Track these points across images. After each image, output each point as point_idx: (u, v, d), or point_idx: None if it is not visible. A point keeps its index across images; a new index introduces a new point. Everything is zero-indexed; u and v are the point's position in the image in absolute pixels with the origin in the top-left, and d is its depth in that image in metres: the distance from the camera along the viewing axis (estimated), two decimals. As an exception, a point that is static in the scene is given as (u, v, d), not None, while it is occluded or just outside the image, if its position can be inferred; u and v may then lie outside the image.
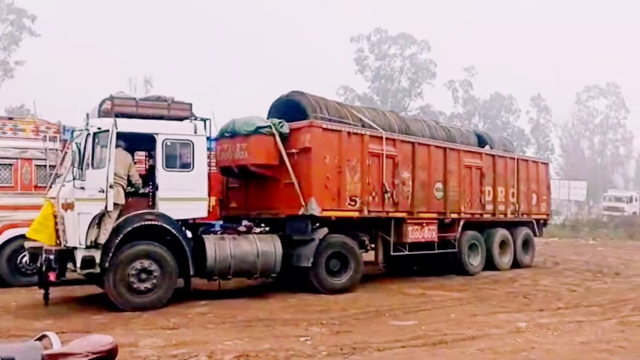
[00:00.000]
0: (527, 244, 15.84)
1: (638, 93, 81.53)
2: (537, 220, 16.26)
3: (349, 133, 11.12)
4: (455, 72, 63.50)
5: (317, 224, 10.65)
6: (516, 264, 15.25)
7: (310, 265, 10.41)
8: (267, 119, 11.18)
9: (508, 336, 7.15)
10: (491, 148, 15.27)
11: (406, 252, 12.27)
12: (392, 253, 12.11)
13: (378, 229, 12.05)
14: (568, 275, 14.04)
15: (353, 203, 11.14)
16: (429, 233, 12.67)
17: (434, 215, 12.90)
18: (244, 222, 11.00)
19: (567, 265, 16.62)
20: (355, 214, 11.22)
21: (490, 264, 14.38)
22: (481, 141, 15.42)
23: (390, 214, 11.86)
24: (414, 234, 12.31)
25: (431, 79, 60.79)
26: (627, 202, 44.71)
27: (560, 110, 68.97)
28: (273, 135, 10.61)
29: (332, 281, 10.76)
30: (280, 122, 10.78)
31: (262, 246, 10.09)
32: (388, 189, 11.71)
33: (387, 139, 11.78)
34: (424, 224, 12.57)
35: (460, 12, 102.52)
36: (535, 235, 16.19)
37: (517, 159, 15.59)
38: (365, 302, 9.79)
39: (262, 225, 11.29)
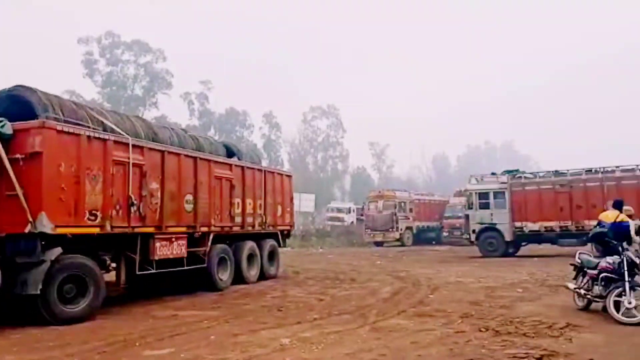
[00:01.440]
0: (272, 255, 16.02)
1: (353, 115, 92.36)
2: (282, 232, 16.60)
3: (89, 137, 9.66)
4: (192, 84, 63.41)
5: (49, 243, 8.95)
6: (263, 276, 15.27)
7: (39, 292, 8.67)
8: (-18, 116, 9.09)
9: (276, 355, 6.76)
10: (239, 159, 15.08)
11: (153, 270, 11.20)
12: (137, 272, 10.91)
13: (122, 247, 10.74)
14: (311, 284, 14.51)
15: (93, 218, 9.69)
16: (179, 248, 11.80)
17: (184, 229, 12.08)
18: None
19: (307, 274, 17.30)
20: (96, 230, 9.77)
21: (238, 278, 14.10)
22: (229, 152, 15.13)
23: (137, 229, 10.67)
24: (162, 250, 11.31)
25: (167, 89, 59.53)
26: (346, 213, 49.54)
27: (289, 127, 74.07)
28: (-10, 136, 8.65)
29: (67, 310, 9.13)
30: (0, 121, 8.85)
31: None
32: (134, 202, 10.53)
33: (134, 146, 10.59)
34: (174, 239, 11.66)
35: (196, 24, 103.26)
36: (280, 246, 16.49)
37: (265, 171, 15.70)
38: (109, 331, 8.49)
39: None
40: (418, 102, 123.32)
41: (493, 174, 24.76)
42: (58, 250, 8.98)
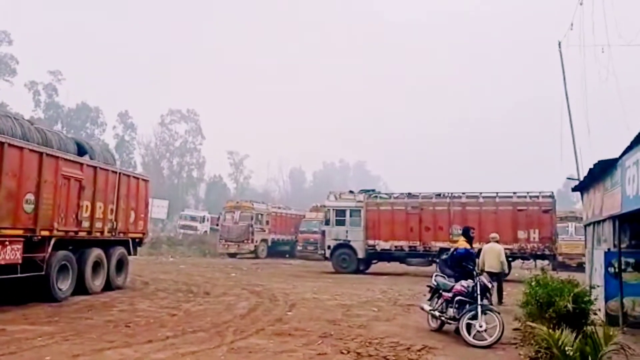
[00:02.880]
0: (121, 264, 14.89)
1: (212, 123, 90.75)
2: (134, 239, 15.50)
3: None
4: (40, 74, 58.32)
5: None
6: (109, 286, 14.12)
7: None
8: None
9: (124, 381, 6.08)
10: (91, 159, 13.84)
11: (-21, 278, 9.77)
12: (-41, 279, 9.44)
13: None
14: (162, 297, 13.65)
15: None
16: (12, 253, 10.45)
17: (21, 232, 10.74)
18: None
19: (157, 285, 16.31)
20: None
21: (81, 287, 12.87)
22: (81, 150, 13.86)
23: (-37, 230, 9.25)
24: (-7, 255, 9.92)
25: (10, 75, 54.05)
26: (200, 222, 48.21)
27: (145, 129, 70.83)
28: None
29: None
30: None
31: None
32: (-38, 198, 9.13)
33: (-34, 134, 9.21)
34: (7, 243, 10.29)
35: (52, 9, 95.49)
36: (129, 255, 15.38)
37: (120, 173, 14.56)
38: None
39: None
40: (277, 116, 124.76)
41: (351, 192, 25.42)
42: None
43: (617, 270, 10.90)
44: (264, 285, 16.99)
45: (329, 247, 24.09)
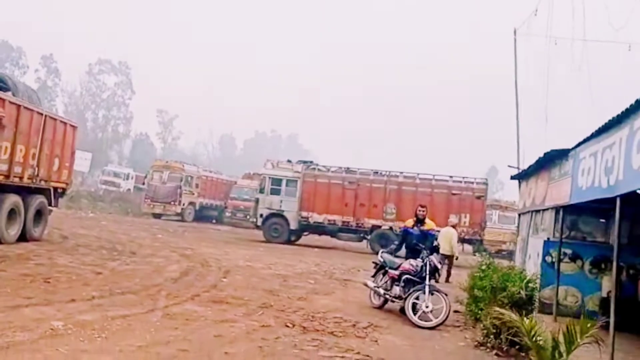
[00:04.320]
0: (40, 214, 13.69)
1: (145, 77, 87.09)
2: (56, 189, 14.28)
3: None
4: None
5: None
6: (24, 237, 12.96)
7: None
8: None
9: (45, 343, 5.34)
10: (14, 96, 12.51)
11: None
12: None
13: None
14: (84, 253, 12.67)
15: None
16: None
17: None
18: None
19: (78, 240, 15.22)
20: None
21: (-8, 237, 11.70)
22: (3, 86, 12.49)
23: None
24: None
25: None
26: (124, 179, 46.23)
27: (71, 76, 66.92)
28: None
29: None
30: None
31: None
32: None
33: None
34: None
35: None
36: (50, 206, 14.18)
37: (46, 116, 13.28)
38: None
39: None
40: (211, 77, 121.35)
41: (289, 161, 24.83)
42: None
43: (554, 259, 11.04)
44: (193, 249, 16.23)
45: (261, 215, 23.47)
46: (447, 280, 13.54)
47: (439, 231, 12.15)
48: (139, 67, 73.68)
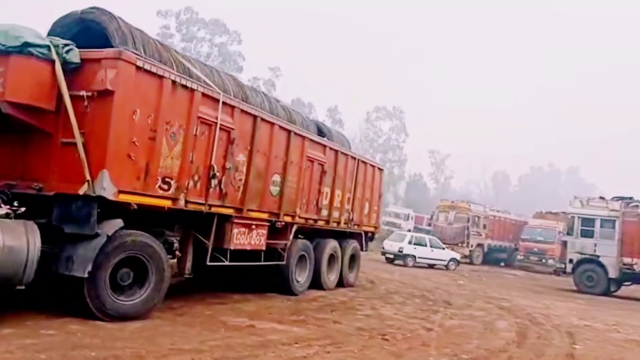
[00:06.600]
0: (354, 259, 13.63)
1: (415, 120, 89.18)
2: (366, 233, 14.16)
3: (174, 83, 7.44)
4: (261, 70, 62.01)
5: (107, 212, 6.78)
6: (340, 283, 12.92)
7: (86, 275, 6.51)
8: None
9: None
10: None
11: (227, 263, 8.95)
12: (208, 262, 8.67)
13: (193, 228, 8.53)
14: (400, 301, 12.06)
15: (166, 187, 7.50)
16: (258, 239, 9.54)
17: (266, 216, 9.82)
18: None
19: (386, 286, 14.87)
20: (167, 204, 7.57)
21: (315, 281, 11.78)
22: (320, 133, 12.79)
23: (214, 209, 8.44)
24: (240, 238, 9.07)
25: (237, 72, 58.02)
26: (404, 219, 46.69)
27: (352, 124, 71.71)
28: (52, 61, 6.56)
29: (119, 302, 6.96)
30: (66, 45, 6.74)
31: (6, 238, 5.95)
32: (217, 174, 8.31)
33: (224, 103, 8.36)
34: (254, 227, 9.40)
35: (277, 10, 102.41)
36: (362, 250, 14.08)
37: (358, 160, 13.27)
38: (169, 339, 6.28)
39: (15, 204, 6.82)
40: (482, 115, 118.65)
41: (602, 198, 21.59)
42: (119, 222, 6.80)
43: None
44: (507, 300, 14.56)
45: (571, 260, 20.58)
46: None
47: None
48: (410, 111, 75.55)
